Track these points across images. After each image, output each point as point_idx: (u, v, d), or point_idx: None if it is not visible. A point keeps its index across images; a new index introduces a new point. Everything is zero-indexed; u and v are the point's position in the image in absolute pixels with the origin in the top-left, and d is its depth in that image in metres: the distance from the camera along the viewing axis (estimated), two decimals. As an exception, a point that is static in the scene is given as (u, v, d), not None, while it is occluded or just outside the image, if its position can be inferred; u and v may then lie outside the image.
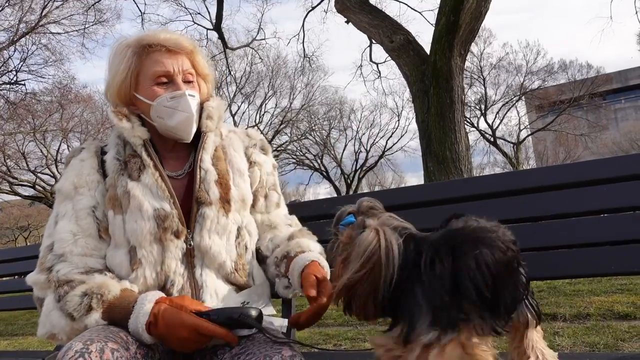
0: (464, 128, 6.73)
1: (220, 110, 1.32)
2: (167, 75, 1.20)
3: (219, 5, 11.69)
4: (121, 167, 1.20)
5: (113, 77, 1.22)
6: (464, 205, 1.50)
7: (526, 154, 29.20)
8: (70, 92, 18.09)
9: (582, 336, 2.66)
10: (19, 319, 7.16)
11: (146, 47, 1.20)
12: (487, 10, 6.43)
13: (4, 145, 17.29)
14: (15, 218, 28.57)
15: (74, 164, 1.23)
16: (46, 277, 1.10)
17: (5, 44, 15.40)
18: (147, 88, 1.21)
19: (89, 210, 1.17)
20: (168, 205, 1.15)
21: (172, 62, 1.20)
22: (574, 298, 3.55)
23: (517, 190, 1.44)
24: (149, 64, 1.20)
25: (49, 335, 1.09)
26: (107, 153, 1.24)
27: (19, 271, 2.52)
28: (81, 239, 1.14)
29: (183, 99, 1.20)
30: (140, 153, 1.21)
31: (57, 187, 1.21)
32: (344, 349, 3.11)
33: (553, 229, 1.37)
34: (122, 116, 1.22)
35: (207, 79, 1.32)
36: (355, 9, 7.61)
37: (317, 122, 25.36)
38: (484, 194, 1.49)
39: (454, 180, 5.44)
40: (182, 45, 1.22)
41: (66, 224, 1.15)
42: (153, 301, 1.01)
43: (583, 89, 24.67)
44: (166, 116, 1.20)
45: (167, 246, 1.14)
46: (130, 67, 1.20)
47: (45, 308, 1.09)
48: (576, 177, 1.37)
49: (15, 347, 5.07)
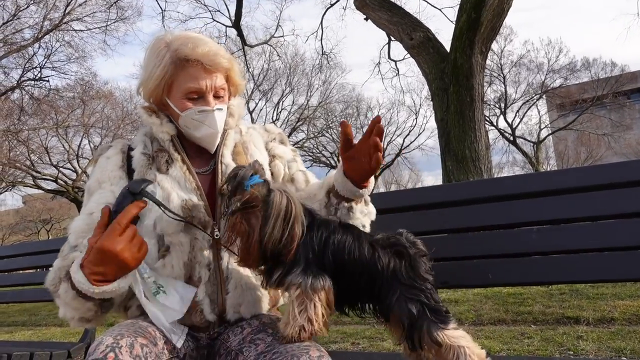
0: (484, 127, 6.64)
1: (241, 108, 1.35)
2: (199, 92, 1.22)
3: (238, 2, 11.76)
4: (149, 161, 1.24)
5: (147, 79, 1.24)
6: (485, 207, 1.47)
7: (546, 154, 28.69)
8: (92, 89, 18.42)
9: (607, 341, 2.60)
10: (41, 309, 7.34)
11: (183, 60, 1.20)
12: (509, 7, 6.33)
13: (28, 140, 17.72)
14: (38, 211, 29.30)
15: (101, 161, 1.27)
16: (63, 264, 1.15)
17: (30, 41, 15.76)
18: (178, 99, 1.23)
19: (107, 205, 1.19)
20: (195, 197, 1.19)
21: (206, 80, 1.21)
22: (598, 301, 3.47)
23: (540, 192, 1.41)
24: (183, 78, 1.21)
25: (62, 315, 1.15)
26: (134, 150, 1.27)
27: (42, 264, 2.58)
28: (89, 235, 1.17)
29: (210, 116, 1.22)
30: (168, 148, 1.25)
31: (87, 186, 1.26)
32: (361, 347, 3.11)
33: (578, 232, 1.34)
34: (151, 112, 1.26)
35: (238, 87, 1.35)
36: (374, 6, 7.57)
37: (334, 119, 25.30)
38: (505, 195, 1.46)
39: (475, 180, 5.38)
40: (219, 64, 1.22)
41: (82, 218, 1.21)
42: (79, 264, 1.05)
43: (607, 87, 24.10)
44: (193, 128, 1.23)
45: (195, 237, 1.17)
46: (165, 75, 1.21)
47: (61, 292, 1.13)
48: (603, 179, 1.34)
49: (39, 337, 5.20)
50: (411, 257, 1.06)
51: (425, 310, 1.03)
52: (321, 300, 0.99)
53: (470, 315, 3.57)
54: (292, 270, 1.01)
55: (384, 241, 1.08)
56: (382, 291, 1.04)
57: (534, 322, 3.25)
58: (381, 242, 1.08)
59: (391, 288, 1.04)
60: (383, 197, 1.69)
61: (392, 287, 1.04)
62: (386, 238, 1.10)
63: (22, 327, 6.27)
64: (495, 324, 3.36)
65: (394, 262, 1.05)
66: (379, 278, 1.04)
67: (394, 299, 1.03)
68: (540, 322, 3.22)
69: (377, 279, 1.04)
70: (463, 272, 1.44)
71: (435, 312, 1.04)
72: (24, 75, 16.56)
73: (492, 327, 3.28)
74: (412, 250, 1.07)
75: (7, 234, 30.28)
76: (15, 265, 2.73)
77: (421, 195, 1.62)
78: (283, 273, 1.02)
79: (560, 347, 2.59)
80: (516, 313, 3.46)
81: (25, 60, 16.41)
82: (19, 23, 15.55)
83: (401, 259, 1.06)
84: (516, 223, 1.40)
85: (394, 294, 1.04)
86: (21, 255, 2.70)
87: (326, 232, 1.06)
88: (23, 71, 16.51)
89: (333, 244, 1.05)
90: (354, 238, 1.07)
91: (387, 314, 1.06)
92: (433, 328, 1.02)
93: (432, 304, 1.04)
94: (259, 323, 1.16)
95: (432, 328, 1.02)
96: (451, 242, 1.49)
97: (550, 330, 2.97)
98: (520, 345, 2.70)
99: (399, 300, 1.03)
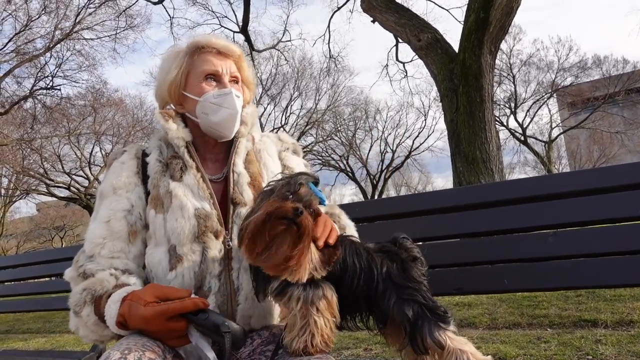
0: (494, 127, 6.58)
1: (254, 117, 1.36)
2: (215, 74, 1.26)
3: (246, 8, 11.82)
4: (163, 168, 1.24)
5: (165, 76, 1.28)
6: (499, 210, 1.44)
7: (558, 153, 28.37)
8: (103, 96, 18.67)
9: (627, 345, 2.53)
10: (55, 316, 7.40)
11: (198, 49, 1.27)
12: (518, 6, 6.27)
13: (41, 148, 17.97)
14: (51, 218, 29.66)
15: (115, 166, 1.27)
16: (77, 274, 1.16)
17: (42, 51, 15.99)
18: (195, 85, 1.26)
19: (123, 212, 1.20)
20: (208, 206, 1.18)
21: (221, 64, 1.27)
22: (615, 304, 3.39)
23: (556, 195, 1.38)
24: (199, 63, 1.26)
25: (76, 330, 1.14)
26: (149, 155, 1.27)
27: (55, 272, 2.59)
28: (109, 242, 1.18)
29: (229, 97, 1.24)
30: (183, 155, 1.25)
31: (99, 190, 1.26)
32: (374, 353, 3.08)
33: (596, 235, 1.30)
34: (168, 117, 1.27)
35: (250, 87, 1.37)
36: (381, 8, 7.55)
37: (342, 122, 25.32)
38: (521, 198, 1.42)
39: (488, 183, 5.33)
40: (232, 49, 1.29)
41: (97, 226, 1.19)
42: (119, 301, 1.04)
43: (619, 84, 23.77)
44: (211, 112, 1.24)
45: (207, 246, 1.15)
46: (181, 66, 1.26)
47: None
48: (621, 180, 1.30)
49: (52, 344, 5.24)
50: (403, 260, 1.08)
51: (424, 310, 1.03)
52: (322, 312, 0.97)
53: (484, 319, 3.51)
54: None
55: (377, 247, 1.10)
56: (378, 294, 1.04)
57: (550, 325, 3.18)
58: (374, 248, 1.10)
59: (387, 290, 1.04)
60: (395, 202, 1.66)
61: (388, 289, 1.04)
62: (378, 245, 1.12)
63: (36, 334, 6.32)
64: (511, 327, 3.30)
65: (387, 265, 1.06)
66: (375, 281, 1.04)
67: (391, 302, 1.03)
68: (556, 325, 3.15)
69: (373, 283, 1.04)
70: (478, 277, 1.41)
71: (434, 311, 1.03)
72: (36, 85, 16.83)
73: (508, 331, 3.22)
74: (404, 255, 1.09)
75: (22, 241, 30.70)
76: (29, 273, 2.75)
77: (433, 199, 1.59)
78: (284, 283, 0.98)
79: (579, 352, 2.53)
80: (532, 316, 3.40)
81: (37, 70, 16.67)
82: (30, 33, 15.81)
83: (393, 262, 1.07)
84: (532, 227, 1.37)
85: (390, 296, 1.03)
86: (34, 263, 2.71)
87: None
88: (35, 80, 16.78)
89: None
90: (350, 244, 1.07)
91: (385, 319, 1.04)
92: (434, 328, 1.01)
93: (429, 304, 1.04)
94: (269, 334, 1.15)
95: (433, 328, 1.01)
96: (465, 247, 1.46)
97: (568, 334, 2.91)
98: (537, 350, 2.64)
99: (397, 303, 1.03)
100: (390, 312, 1.02)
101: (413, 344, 1.01)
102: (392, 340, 1.10)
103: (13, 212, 26.03)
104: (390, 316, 1.03)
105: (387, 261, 1.07)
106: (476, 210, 1.48)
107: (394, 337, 1.08)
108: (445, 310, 1.05)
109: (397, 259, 1.08)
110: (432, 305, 1.04)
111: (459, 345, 1.01)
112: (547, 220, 1.35)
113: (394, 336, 1.08)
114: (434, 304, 1.05)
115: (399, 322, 1.02)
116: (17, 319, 7.96)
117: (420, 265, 1.10)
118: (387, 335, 1.10)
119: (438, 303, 1.06)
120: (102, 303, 1.07)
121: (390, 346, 1.13)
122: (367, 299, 1.05)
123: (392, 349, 1.13)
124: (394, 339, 1.08)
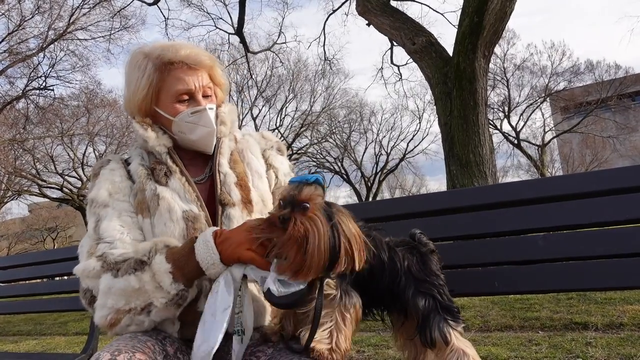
0: (487, 130, 6.61)
1: (233, 115, 1.35)
2: (188, 92, 1.23)
3: (241, 10, 11.81)
4: (148, 172, 1.23)
5: (134, 92, 1.23)
6: (490, 213, 1.45)
7: (551, 157, 28.56)
8: (96, 97, 18.59)
9: (616, 347, 2.56)
10: (46, 318, 7.34)
11: (167, 64, 1.21)
12: (512, 11, 6.31)
13: (34, 149, 17.85)
14: (43, 220, 29.42)
15: (105, 173, 1.25)
16: (101, 262, 1.09)
17: (35, 51, 15.89)
18: (168, 105, 1.23)
19: (129, 212, 1.19)
20: (196, 208, 1.18)
21: (193, 80, 1.22)
22: (606, 306, 3.42)
23: (546, 198, 1.39)
24: (170, 82, 1.22)
25: (111, 317, 1.05)
26: (130, 164, 1.27)
27: (47, 274, 2.57)
28: (130, 232, 1.15)
29: (204, 114, 1.23)
30: (166, 160, 1.24)
31: (92, 197, 1.22)
32: (367, 355, 3.08)
33: (586, 238, 1.31)
34: (147, 126, 1.25)
35: (222, 87, 1.34)
36: (376, 12, 7.58)
37: (337, 125, 25.34)
38: (511, 202, 1.43)
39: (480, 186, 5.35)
40: (202, 62, 1.24)
41: (110, 222, 1.15)
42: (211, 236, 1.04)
43: (611, 89, 23.99)
44: (188, 131, 1.23)
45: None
46: (151, 83, 1.22)
47: (103, 288, 1.07)
48: (610, 184, 1.32)
49: (43, 346, 5.20)
50: (422, 253, 1.10)
51: (437, 306, 1.04)
52: (352, 319, 0.96)
53: (476, 322, 3.53)
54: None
55: (396, 241, 1.11)
56: (400, 288, 1.05)
57: (541, 328, 3.20)
58: (394, 242, 1.11)
59: (407, 283, 1.05)
60: (388, 204, 1.67)
61: (408, 282, 1.05)
62: (398, 239, 1.12)
63: (27, 337, 6.26)
64: (502, 330, 3.32)
65: (408, 259, 1.07)
66: (398, 276, 1.05)
67: (410, 294, 1.04)
68: (548, 328, 3.18)
69: (397, 277, 1.05)
70: (469, 280, 1.42)
71: (448, 309, 1.05)
72: (29, 85, 16.72)
73: (499, 333, 3.24)
74: (423, 248, 1.11)
75: (13, 242, 30.40)
76: (20, 275, 2.73)
77: (426, 202, 1.60)
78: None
79: (569, 354, 2.54)
80: (523, 319, 3.42)
81: (30, 70, 16.58)
82: (24, 33, 15.72)
83: (413, 255, 1.09)
84: (522, 230, 1.38)
85: (409, 288, 1.05)
86: (26, 265, 2.69)
87: None
88: (28, 80, 16.68)
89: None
90: (372, 240, 1.05)
91: (405, 310, 1.06)
92: (444, 323, 1.02)
93: (444, 302, 1.05)
94: (259, 335, 1.15)
95: (442, 323, 1.02)
96: (457, 250, 1.47)
97: (559, 336, 2.93)
98: (528, 352, 2.66)
99: (414, 295, 1.04)
100: (408, 304, 1.04)
101: (421, 335, 1.02)
102: (404, 331, 1.10)
103: (4, 213, 25.79)
104: (409, 309, 1.05)
105: (408, 255, 1.08)
106: (468, 212, 1.48)
107: (408, 328, 1.09)
108: (458, 310, 1.07)
109: (416, 253, 1.10)
110: (447, 301, 1.06)
111: (463, 347, 1.02)
112: (537, 223, 1.36)
113: (408, 327, 1.08)
114: (449, 301, 1.07)
115: (414, 313, 1.04)
116: (7, 321, 7.89)
117: (437, 258, 1.12)
118: (401, 328, 1.11)
119: (452, 301, 1.08)
120: (178, 251, 1.06)
121: (397, 340, 1.14)
122: (391, 293, 1.06)
123: (397, 343, 1.15)
124: (407, 329, 1.09)
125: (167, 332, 1.13)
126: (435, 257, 1.12)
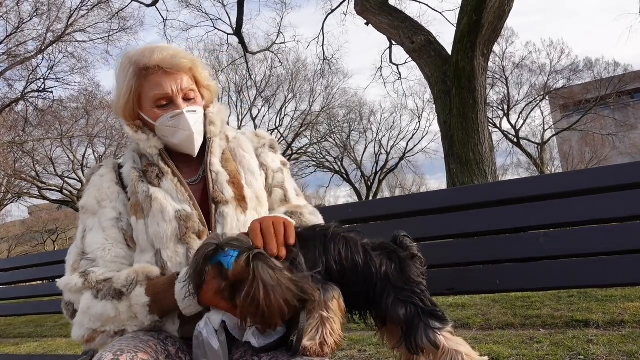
0: (487, 129, 6.62)
1: (222, 114, 1.35)
2: (166, 97, 1.22)
3: (239, 10, 11.83)
4: (140, 175, 1.24)
5: (118, 96, 1.26)
6: (491, 211, 1.45)
7: (551, 155, 28.58)
8: (95, 99, 18.61)
9: (618, 344, 2.55)
10: (47, 320, 7.34)
11: (143, 70, 1.22)
12: (510, 9, 6.32)
13: (33, 151, 17.85)
14: (44, 222, 29.42)
15: (94, 180, 1.27)
16: (83, 280, 1.12)
17: (34, 53, 15.90)
18: (149, 110, 1.24)
19: (113, 222, 1.21)
20: (189, 207, 1.18)
21: (170, 84, 1.22)
22: (607, 304, 3.42)
23: (547, 195, 1.39)
24: (148, 87, 1.22)
25: (88, 335, 1.10)
26: (123, 167, 1.28)
27: (48, 276, 2.57)
28: (112, 248, 1.18)
29: (182, 118, 1.22)
30: (158, 162, 1.25)
31: (81, 204, 1.25)
32: (368, 354, 3.08)
33: (587, 235, 1.31)
34: (137, 128, 1.26)
35: (210, 87, 1.34)
36: (375, 11, 7.59)
37: (337, 124, 25.37)
38: (512, 199, 1.43)
39: (480, 184, 5.37)
40: (179, 65, 1.23)
41: (95, 235, 1.19)
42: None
43: (610, 87, 24.00)
44: (169, 135, 1.24)
45: (190, 247, 1.15)
46: (131, 89, 1.23)
47: (82, 306, 1.11)
48: (611, 180, 1.32)
49: (44, 349, 5.20)
50: (400, 259, 1.05)
51: (420, 312, 1.01)
52: (335, 312, 0.97)
53: (477, 320, 3.53)
54: None
55: (375, 244, 1.08)
56: (376, 294, 1.03)
57: (542, 326, 3.20)
58: (371, 245, 1.07)
59: (385, 290, 1.03)
60: (388, 202, 1.67)
61: (386, 289, 1.03)
62: (377, 242, 1.09)
63: (28, 339, 6.26)
64: (504, 328, 3.32)
65: (386, 265, 1.04)
66: (373, 281, 1.03)
67: (389, 302, 1.02)
68: (549, 325, 3.17)
69: (372, 282, 1.03)
70: (470, 278, 1.42)
71: (431, 313, 1.02)
72: (28, 87, 16.74)
73: (501, 331, 3.24)
74: (403, 253, 1.07)
75: (13, 244, 30.41)
76: (21, 277, 2.73)
77: (426, 200, 1.60)
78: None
79: (571, 352, 2.54)
80: (524, 317, 3.42)
81: (29, 72, 16.59)
82: (22, 35, 15.74)
83: (391, 261, 1.05)
84: (523, 227, 1.38)
85: (388, 296, 1.02)
86: (26, 267, 2.69)
87: (323, 240, 1.04)
88: (27, 83, 16.69)
89: (332, 252, 1.03)
90: (347, 243, 1.05)
91: (383, 317, 1.04)
92: (429, 328, 1.00)
93: (426, 307, 1.02)
94: None
95: (428, 328, 1.00)
96: (457, 248, 1.47)
97: (560, 334, 2.92)
98: (529, 350, 2.66)
99: (394, 304, 1.02)
100: (387, 312, 1.03)
101: (407, 344, 1.01)
102: (388, 338, 1.10)
103: (4, 215, 25.82)
104: (389, 316, 1.03)
105: (386, 260, 1.06)
106: (469, 210, 1.48)
107: (391, 335, 1.08)
108: (442, 313, 1.04)
109: (395, 258, 1.06)
110: (429, 308, 1.03)
111: (454, 346, 1.01)
112: (538, 221, 1.36)
113: (391, 334, 1.07)
114: (433, 305, 1.04)
115: (396, 321, 1.02)
116: (8, 324, 7.88)
117: (419, 263, 1.09)
118: (385, 333, 1.10)
119: (436, 304, 1.05)
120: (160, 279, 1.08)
121: (385, 344, 1.13)
122: (366, 298, 1.05)
123: (388, 346, 1.13)
124: (391, 337, 1.08)
125: (168, 331, 1.13)
126: (417, 262, 1.08)
